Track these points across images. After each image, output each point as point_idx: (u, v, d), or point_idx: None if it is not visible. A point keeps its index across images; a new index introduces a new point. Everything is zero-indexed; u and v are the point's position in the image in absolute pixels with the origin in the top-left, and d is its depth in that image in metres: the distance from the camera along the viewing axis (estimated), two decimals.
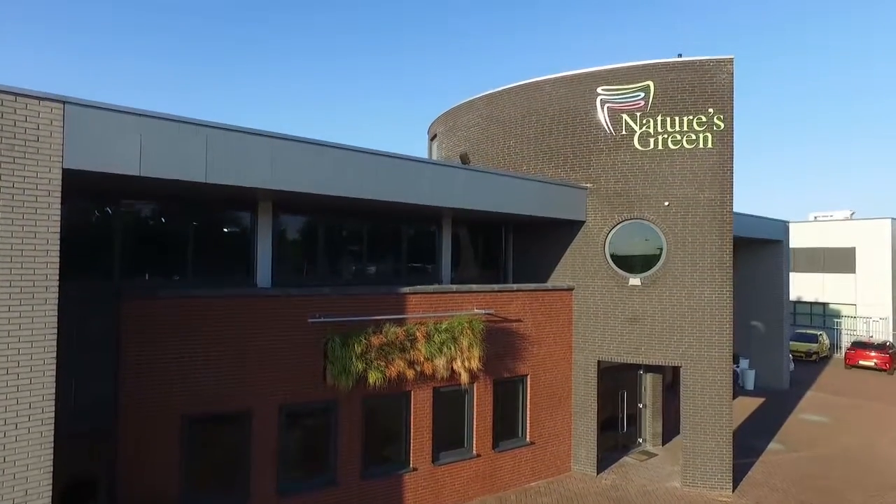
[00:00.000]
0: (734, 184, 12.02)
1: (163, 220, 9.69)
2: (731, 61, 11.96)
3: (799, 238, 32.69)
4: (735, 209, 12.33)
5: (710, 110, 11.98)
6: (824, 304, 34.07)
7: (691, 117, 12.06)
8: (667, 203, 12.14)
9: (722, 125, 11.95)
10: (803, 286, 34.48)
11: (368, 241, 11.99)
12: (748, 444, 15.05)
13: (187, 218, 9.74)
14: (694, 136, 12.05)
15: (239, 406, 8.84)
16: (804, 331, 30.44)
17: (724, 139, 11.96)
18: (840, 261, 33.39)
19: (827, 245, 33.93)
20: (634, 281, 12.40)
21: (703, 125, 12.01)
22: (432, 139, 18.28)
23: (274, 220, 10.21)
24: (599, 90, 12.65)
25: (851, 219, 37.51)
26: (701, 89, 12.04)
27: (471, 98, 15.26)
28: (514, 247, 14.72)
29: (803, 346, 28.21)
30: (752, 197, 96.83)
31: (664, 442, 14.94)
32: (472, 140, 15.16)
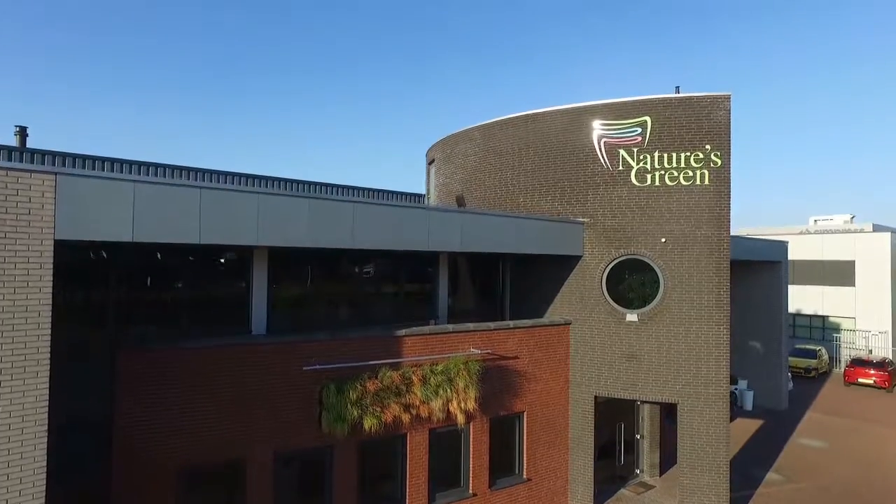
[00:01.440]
0: (731, 220, 11.95)
1: (158, 267, 9.67)
2: (727, 98, 11.92)
3: (798, 250, 32.63)
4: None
5: (708, 147, 11.95)
6: (823, 317, 34.02)
7: (688, 154, 12.02)
8: (664, 240, 12.11)
9: (719, 162, 11.92)
10: (802, 299, 34.42)
11: (364, 280, 11.96)
12: (746, 472, 15.03)
13: (183, 265, 9.73)
14: (691, 173, 12.01)
15: (234, 455, 8.81)
16: (803, 346, 30.34)
17: (721, 176, 11.92)
18: (840, 274, 33.34)
19: (826, 258, 33.89)
20: (632, 317, 12.37)
21: (701, 162, 11.97)
22: (430, 163, 18.25)
23: (269, 265, 10.16)
24: (597, 124, 12.61)
25: (852, 223, 37.49)
26: (698, 126, 12.00)
27: (467, 127, 15.18)
28: (512, 280, 14.67)
29: (802, 362, 28.11)
30: (753, 200, 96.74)
31: (661, 472, 14.91)
32: (468, 169, 15.10)
